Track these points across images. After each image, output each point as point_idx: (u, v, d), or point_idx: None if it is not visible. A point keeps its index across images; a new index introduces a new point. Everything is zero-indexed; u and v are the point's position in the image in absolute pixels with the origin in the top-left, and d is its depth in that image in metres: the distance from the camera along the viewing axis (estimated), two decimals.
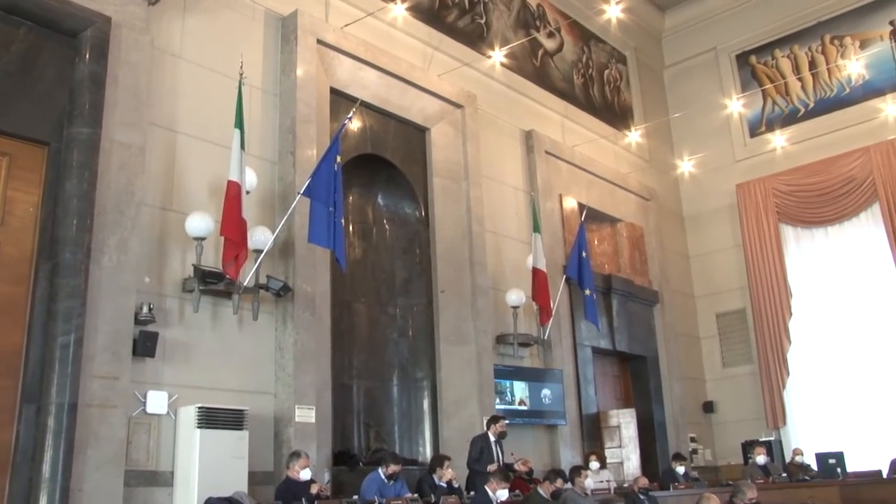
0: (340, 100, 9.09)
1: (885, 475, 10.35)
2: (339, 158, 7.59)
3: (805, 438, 12.70)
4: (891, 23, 13.62)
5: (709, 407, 14.03)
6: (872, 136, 13.24)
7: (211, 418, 6.56)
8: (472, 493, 7.74)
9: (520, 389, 10.07)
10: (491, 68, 11.47)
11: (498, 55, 11.46)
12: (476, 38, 11.44)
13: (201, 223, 6.99)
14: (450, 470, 7.80)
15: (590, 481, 9.05)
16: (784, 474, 10.70)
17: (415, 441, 9.38)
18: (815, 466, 11.20)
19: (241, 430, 6.72)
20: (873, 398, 12.52)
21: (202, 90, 7.64)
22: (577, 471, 8.73)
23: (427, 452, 9.25)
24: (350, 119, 8.27)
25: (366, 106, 9.37)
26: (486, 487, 7.07)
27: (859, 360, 12.76)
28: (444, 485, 7.69)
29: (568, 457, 10.50)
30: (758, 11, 14.90)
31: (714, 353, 14.33)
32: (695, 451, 13.04)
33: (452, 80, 10.52)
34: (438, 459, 7.98)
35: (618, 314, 12.43)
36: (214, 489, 6.23)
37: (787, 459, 12.02)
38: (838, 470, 10.75)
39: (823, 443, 12.20)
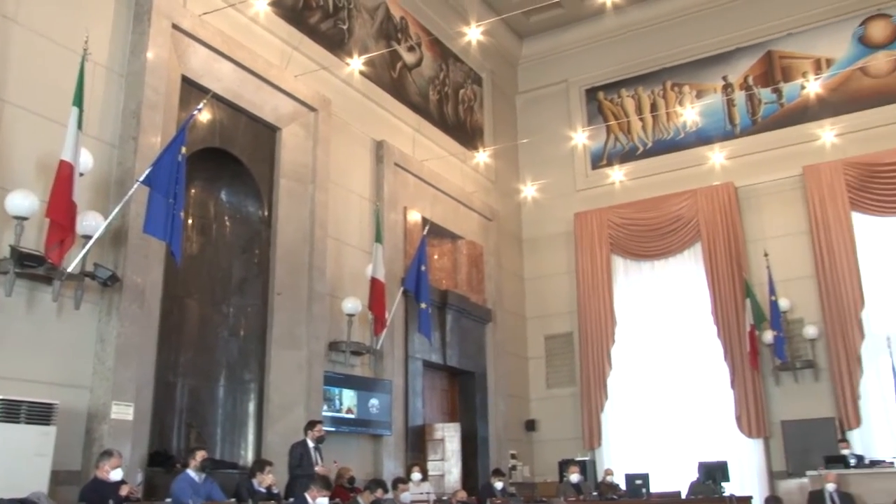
0: (192, 89, 8.83)
1: (683, 496, 11.10)
2: (184, 149, 7.35)
3: (617, 459, 13.36)
4: (724, 78, 14.65)
5: (531, 425, 14.51)
6: (700, 180, 14.17)
7: (12, 411, 6.08)
8: (292, 499, 7.66)
9: (348, 398, 10.06)
10: (349, 75, 11.45)
11: (357, 63, 11.47)
12: (337, 43, 11.40)
13: (24, 202, 6.58)
14: (270, 475, 7.68)
15: (407, 495, 9.18)
16: (595, 493, 11.24)
17: (237, 444, 9.17)
18: (623, 486, 11.84)
19: (47, 425, 6.30)
20: (679, 425, 13.37)
21: (38, 60, 7.22)
22: (398, 483, 8.81)
23: (249, 457, 9.07)
24: (200, 110, 8.05)
25: (217, 99, 9.14)
26: (305, 495, 7.01)
27: (670, 390, 13.61)
28: (264, 490, 7.56)
29: (391, 467, 10.58)
30: (609, 51, 15.66)
31: (540, 374, 14.87)
32: (514, 468, 13.42)
33: (309, 83, 10.43)
34: (259, 464, 7.84)
35: (451, 329, 12.67)
36: (10, 489, 5.78)
37: (599, 479, 12.61)
38: (644, 490, 11.44)
39: (633, 464, 12.89)
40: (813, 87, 13.60)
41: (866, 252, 12.76)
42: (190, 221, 9.26)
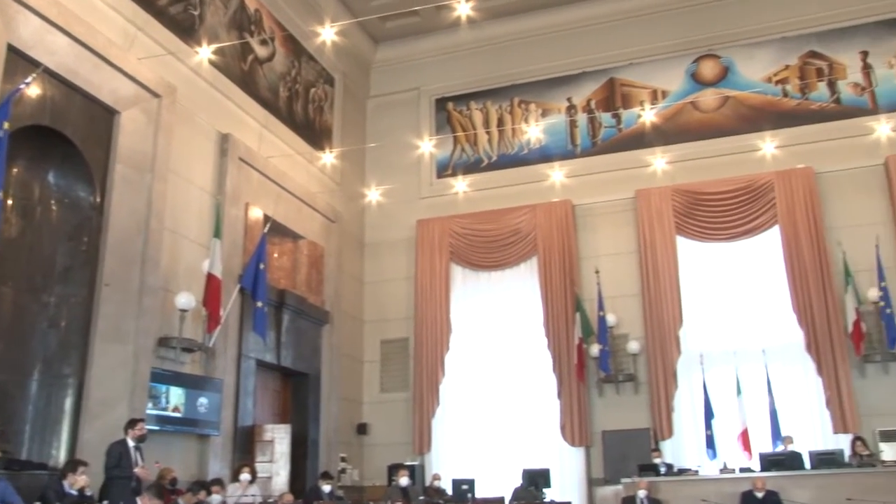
0: (20, 60, 8.25)
1: (506, 502, 11.44)
2: (6, 125, 6.88)
3: (446, 465, 13.58)
4: (568, 99, 15.26)
5: (362, 429, 14.50)
6: (540, 196, 14.66)
7: None
8: (106, 501, 7.31)
9: (176, 396, 9.69)
10: (197, 64, 11.09)
11: (206, 51, 11.11)
12: (186, 29, 11.00)
13: None
14: (83, 476, 7.28)
15: (217, 497, 8.95)
16: (422, 497, 11.37)
17: (48, 443, 8.59)
18: (450, 491, 12.06)
19: None
20: (506, 433, 13.75)
21: None
22: (212, 484, 8.61)
23: (62, 456, 8.54)
24: (28, 84, 7.58)
25: (49, 74, 8.61)
26: (137, 499, 6.72)
27: (500, 398, 13.97)
28: (75, 492, 7.16)
29: (217, 469, 10.28)
30: (462, 63, 15.95)
31: (374, 378, 14.89)
32: (344, 471, 13.38)
33: (153, 67, 10.00)
34: (71, 464, 7.42)
35: (287, 330, 12.48)
36: None
37: (427, 483, 12.78)
38: (469, 495, 11.73)
39: (460, 470, 13.15)
40: (648, 115, 14.39)
41: (687, 274, 13.61)
42: (9, 202, 8.62)
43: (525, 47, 15.65)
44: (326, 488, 10.72)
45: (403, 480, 11.30)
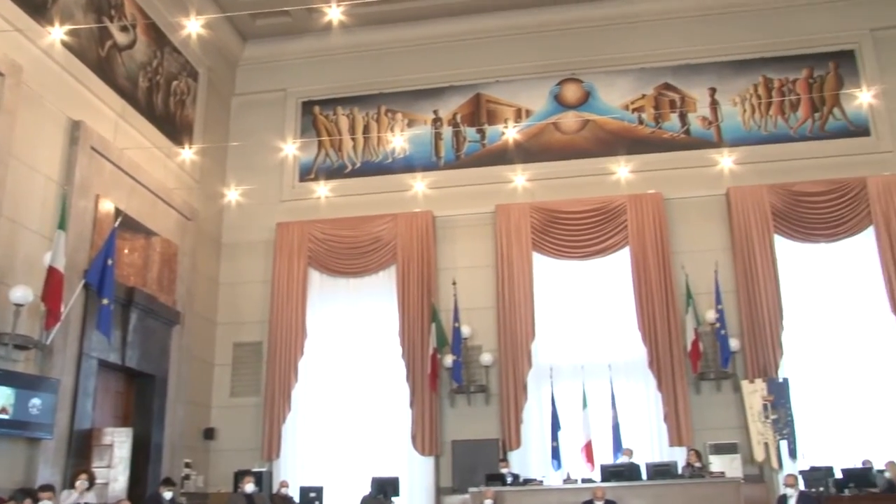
0: None
1: None
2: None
3: (295, 472, 13.37)
4: (435, 111, 15.43)
5: (210, 434, 14.07)
6: (402, 205, 14.73)
7: None
8: None
9: (5, 396, 9.02)
10: (49, 45, 10.51)
11: (59, 32, 10.56)
12: (37, 7, 10.38)
13: None
14: None
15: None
16: None
17: None
18: (298, 499, 11.89)
19: None
20: (357, 441, 13.68)
21: None
22: (39, 491, 8.17)
23: None
24: None
25: None
26: None
27: (352, 405, 13.90)
28: None
29: (47, 475, 9.70)
30: (331, 68, 15.85)
31: (224, 381, 14.49)
32: (188, 477, 12.94)
33: None
34: None
35: (134, 329, 11.93)
36: None
37: (274, 490, 12.55)
38: (317, 503, 11.62)
39: (310, 477, 13.02)
40: (511, 133, 14.75)
41: (541, 290, 13.99)
42: None
43: (395, 57, 15.73)
44: (167, 495, 10.33)
45: (249, 487, 11.05)
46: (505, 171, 14.74)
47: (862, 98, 14.04)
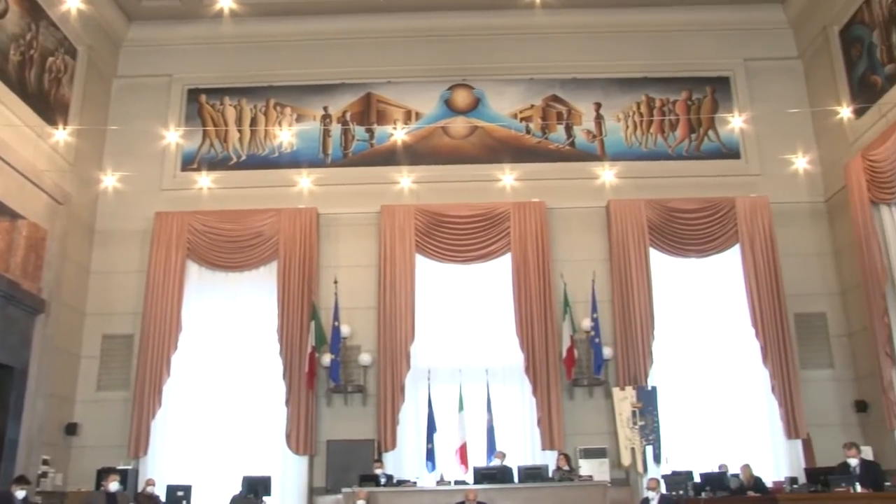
0: None
1: None
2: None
3: (164, 470, 12.94)
4: (325, 108, 15.29)
5: (72, 429, 13.43)
6: (286, 201, 14.50)
7: None
8: None
9: None
10: None
11: None
12: None
13: None
14: None
15: None
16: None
17: None
18: (164, 498, 11.52)
19: None
20: (231, 439, 13.36)
21: None
22: None
23: None
24: None
25: None
26: None
27: (226, 402, 13.55)
28: None
29: None
30: (220, 56, 15.47)
31: (91, 375, 13.85)
32: (45, 475, 12.32)
33: None
34: None
35: None
36: None
37: (140, 489, 12.11)
38: (184, 502, 11.30)
39: (179, 475, 12.63)
40: (400, 134, 14.77)
41: (423, 292, 14.04)
42: None
43: (287, 50, 15.51)
44: (20, 494, 9.77)
45: (114, 486, 10.60)
46: (392, 172, 14.74)
47: (734, 123, 14.78)
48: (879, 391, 12.52)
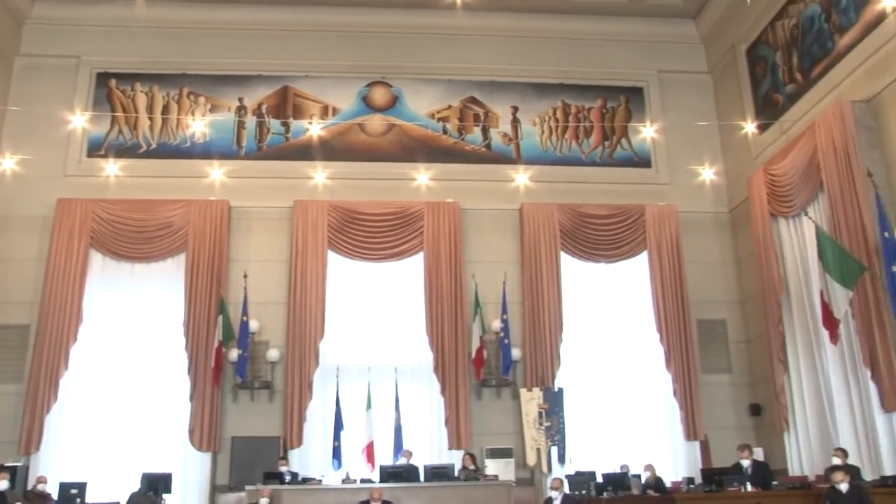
0: None
1: None
2: None
3: (59, 466, 12.47)
4: (240, 99, 15.00)
5: None
6: (197, 192, 14.17)
7: None
8: None
9: None
10: None
11: None
12: None
13: None
14: None
15: None
16: (21, 502, 10.32)
17: None
18: (56, 495, 11.10)
19: None
20: (131, 434, 12.97)
21: None
22: None
23: None
24: None
25: None
26: None
27: (127, 397, 13.16)
28: None
29: None
30: (133, 40, 15.01)
31: None
32: None
33: None
34: None
35: None
36: None
37: (30, 486, 11.63)
38: (78, 500, 10.90)
39: (75, 472, 12.18)
40: (316, 129, 14.62)
41: (334, 289, 13.93)
42: None
43: (203, 38, 15.17)
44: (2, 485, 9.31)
45: (2, 484, 10.17)
46: (306, 167, 14.59)
47: (646, 132, 15.16)
48: (772, 395, 13.06)
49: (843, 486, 9.16)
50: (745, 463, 10.97)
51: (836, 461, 10.12)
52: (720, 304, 14.78)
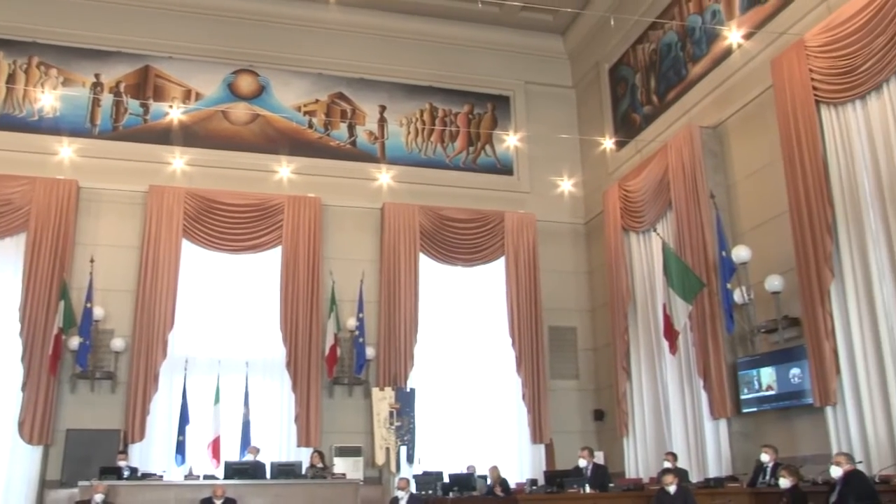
0: None
1: None
2: None
3: None
4: (97, 75, 14.27)
5: None
6: (43, 169, 13.37)
7: None
8: None
9: None
10: None
11: None
12: None
13: None
14: None
15: None
16: None
17: None
18: None
19: None
20: None
21: None
22: None
23: None
24: None
25: None
26: None
27: None
28: None
29: None
30: None
31: None
32: None
33: None
34: None
35: None
36: None
37: None
38: None
39: None
40: (176, 113, 14.09)
41: (187, 279, 13.50)
42: None
43: (59, 6, 14.31)
44: None
45: None
46: (164, 152, 14.07)
47: (510, 141, 15.47)
48: (615, 402, 13.62)
49: (672, 488, 9.66)
50: (583, 463, 11.36)
51: (667, 464, 10.68)
52: (571, 312, 15.29)
